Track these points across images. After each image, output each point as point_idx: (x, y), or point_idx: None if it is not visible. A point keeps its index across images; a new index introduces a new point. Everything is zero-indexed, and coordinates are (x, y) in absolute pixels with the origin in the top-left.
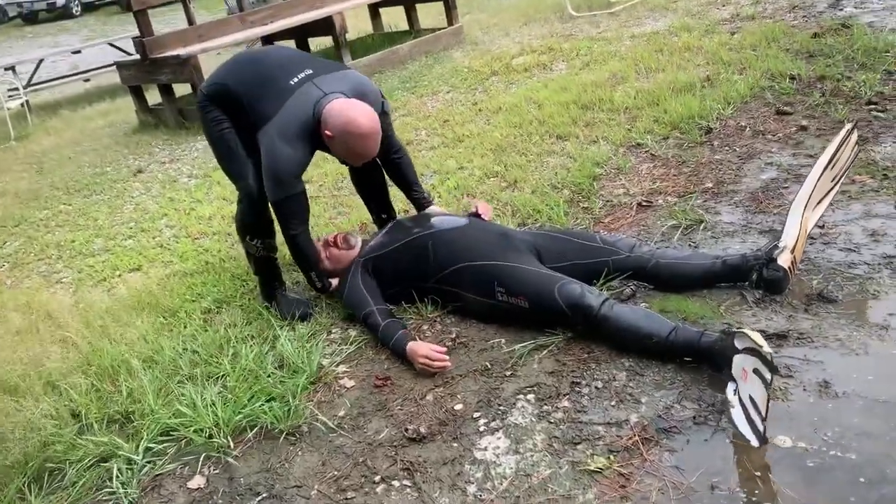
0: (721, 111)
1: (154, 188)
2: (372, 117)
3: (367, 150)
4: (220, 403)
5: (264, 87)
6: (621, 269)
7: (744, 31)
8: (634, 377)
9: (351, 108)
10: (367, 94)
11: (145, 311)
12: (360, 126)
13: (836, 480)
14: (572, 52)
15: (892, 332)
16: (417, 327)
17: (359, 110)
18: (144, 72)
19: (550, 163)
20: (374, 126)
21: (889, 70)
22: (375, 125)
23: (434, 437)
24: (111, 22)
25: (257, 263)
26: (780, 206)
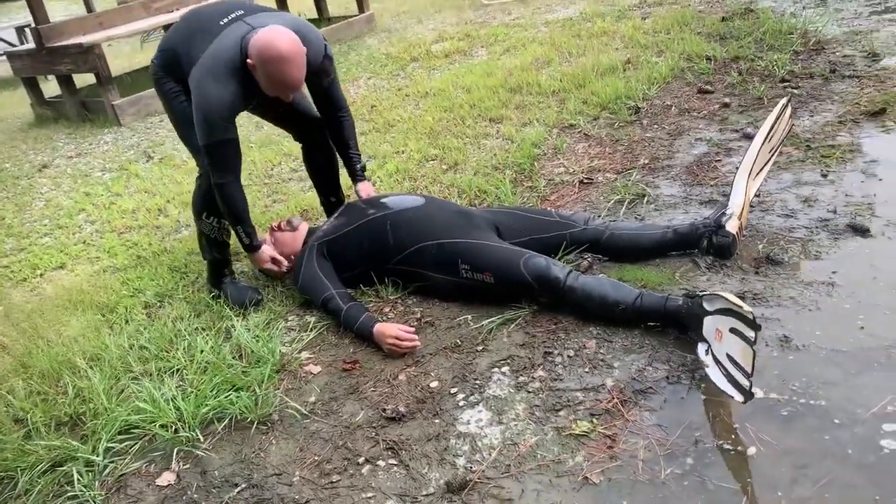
0: (646, 91)
1: (65, 183)
2: (292, 40)
3: (288, 75)
4: (182, 397)
5: (195, 36)
6: (578, 242)
7: (654, 16)
8: (604, 344)
9: (271, 32)
10: (304, 32)
11: (79, 310)
12: (279, 48)
13: (809, 426)
14: (490, 38)
15: (838, 289)
16: (379, 310)
17: (278, 33)
18: (41, 62)
19: (487, 145)
20: (294, 49)
21: (796, 50)
22: (296, 49)
23: (414, 415)
24: None
25: (210, 245)
26: (715, 178)
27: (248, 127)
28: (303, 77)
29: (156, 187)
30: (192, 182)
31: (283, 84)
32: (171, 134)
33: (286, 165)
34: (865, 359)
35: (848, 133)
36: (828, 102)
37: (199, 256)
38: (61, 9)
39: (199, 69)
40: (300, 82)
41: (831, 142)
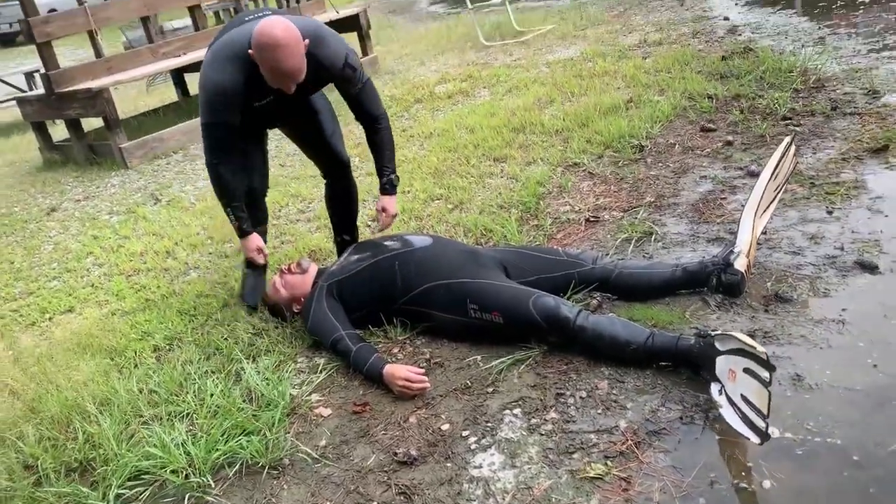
0: (649, 130)
1: (73, 227)
2: (287, 28)
3: (283, 62)
4: (192, 441)
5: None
6: (587, 281)
7: (655, 55)
8: (616, 384)
9: (268, 20)
10: (325, 37)
11: (88, 354)
12: (273, 34)
13: (826, 465)
14: (492, 78)
15: (848, 326)
16: (388, 351)
17: (275, 21)
18: (50, 107)
19: (492, 184)
20: (289, 35)
21: (797, 88)
22: (290, 35)
23: (426, 459)
24: None
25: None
26: (721, 216)
27: None
28: (299, 66)
29: (164, 230)
30: (199, 224)
31: (279, 71)
32: (179, 177)
33: (293, 206)
34: (880, 396)
35: (852, 170)
36: (830, 139)
37: (207, 299)
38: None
39: (210, 53)
40: (296, 70)
41: (835, 179)
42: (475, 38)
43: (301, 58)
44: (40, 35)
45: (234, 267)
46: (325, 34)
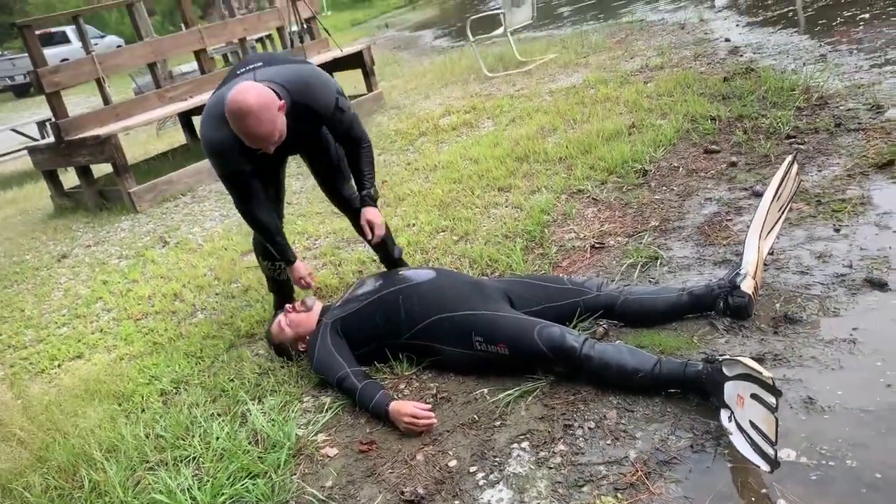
0: (652, 154)
1: (83, 272)
2: (253, 95)
3: (252, 130)
4: (198, 486)
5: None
6: (592, 309)
7: (656, 79)
8: (625, 413)
9: (238, 87)
10: (310, 85)
11: (95, 400)
12: (243, 103)
13: (842, 490)
14: (495, 109)
15: (860, 346)
16: (394, 386)
17: (243, 89)
18: (60, 155)
19: (497, 214)
20: (259, 103)
21: (800, 106)
22: (258, 103)
23: (433, 497)
24: (3, 109)
25: (269, 282)
26: (727, 238)
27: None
28: (269, 131)
29: (171, 272)
30: (206, 265)
31: (250, 138)
32: (186, 218)
33: (300, 244)
34: (894, 417)
35: (858, 186)
36: (835, 156)
37: (213, 340)
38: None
39: (205, 110)
40: (266, 136)
41: (841, 196)
42: (478, 70)
43: (271, 122)
44: (49, 85)
45: (241, 307)
46: (312, 81)
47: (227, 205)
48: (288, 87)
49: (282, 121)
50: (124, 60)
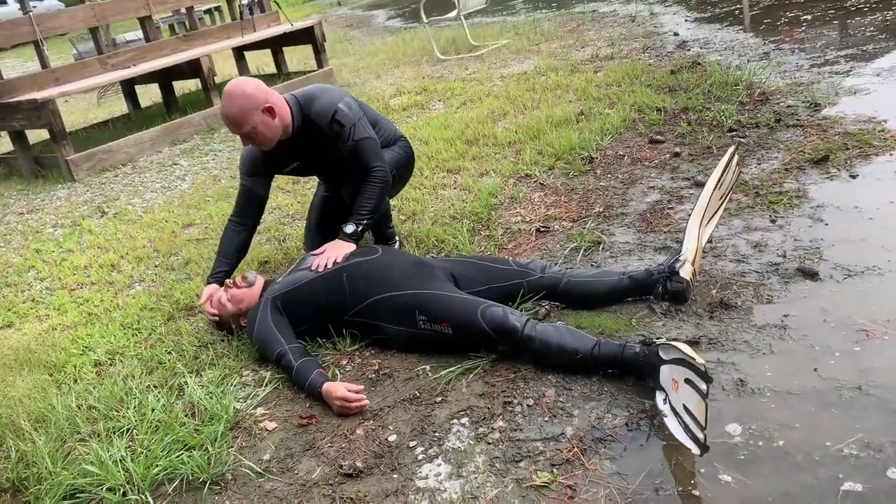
0: (599, 142)
1: (14, 240)
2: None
3: (223, 109)
4: (131, 458)
5: None
6: (535, 290)
7: (606, 69)
8: (563, 392)
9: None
10: (316, 96)
11: (25, 369)
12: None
13: (769, 469)
14: (447, 92)
15: (790, 332)
16: (336, 362)
17: (235, 79)
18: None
19: (445, 195)
20: (230, 87)
21: (742, 101)
22: (228, 89)
23: (372, 471)
24: None
25: None
26: (668, 225)
27: (206, 182)
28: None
29: (109, 243)
30: (145, 237)
31: (222, 118)
32: (126, 189)
33: None
34: (820, 400)
35: (794, 180)
36: (774, 150)
37: (151, 312)
38: (17, 64)
39: None
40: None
41: (779, 188)
42: (431, 52)
43: (241, 109)
44: None
45: (181, 280)
46: (317, 94)
47: (168, 176)
48: (299, 97)
49: (260, 120)
50: (64, 22)
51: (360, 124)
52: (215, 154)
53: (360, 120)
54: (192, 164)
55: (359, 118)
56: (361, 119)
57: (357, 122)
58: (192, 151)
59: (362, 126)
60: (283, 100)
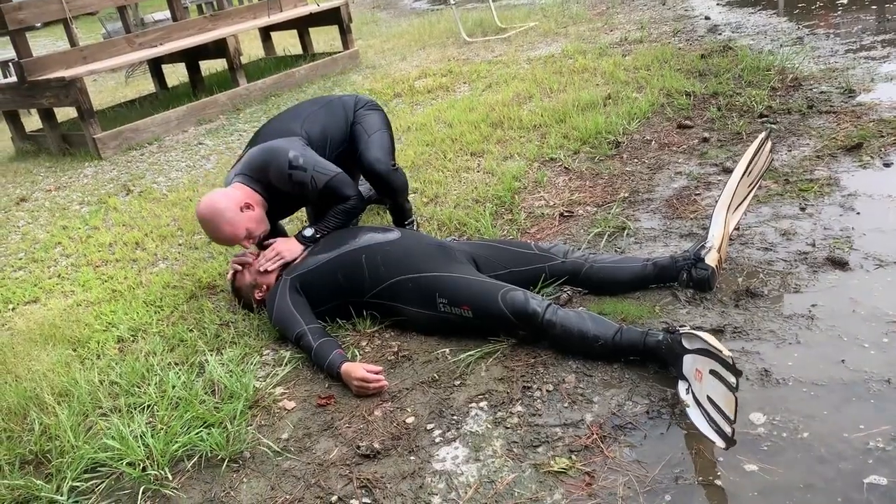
0: (626, 126)
1: (42, 217)
2: (203, 203)
3: (211, 236)
4: (151, 434)
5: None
6: (557, 275)
7: (634, 53)
8: (583, 378)
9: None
10: (265, 164)
11: (49, 344)
12: (198, 214)
13: (792, 460)
14: (472, 74)
15: (818, 322)
16: (355, 343)
17: (204, 200)
18: (23, 96)
19: (468, 178)
20: (201, 216)
21: (774, 87)
22: (202, 215)
23: (389, 452)
24: None
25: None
26: (695, 212)
27: (231, 162)
28: (232, 233)
29: (134, 221)
30: (170, 215)
31: (216, 242)
32: (152, 167)
33: None
34: (847, 392)
35: (826, 167)
36: (805, 137)
37: (174, 290)
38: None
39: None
40: (231, 237)
41: (809, 176)
42: (457, 34)
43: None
44: (12, 22)
45: (204, 259)
46: (265, 161)
47: (193, 156)
48: (250, 174)
49: (248, 217)
50: (92, 1)
51: (318, 171)
52: (240, 134)
53: (314, 167)
54: (216, 143)
55: (312, 166)
56: (315, 166)
57: (314, 172)
58: (217, 131)
59: (320, 172)
60: (242, 187)
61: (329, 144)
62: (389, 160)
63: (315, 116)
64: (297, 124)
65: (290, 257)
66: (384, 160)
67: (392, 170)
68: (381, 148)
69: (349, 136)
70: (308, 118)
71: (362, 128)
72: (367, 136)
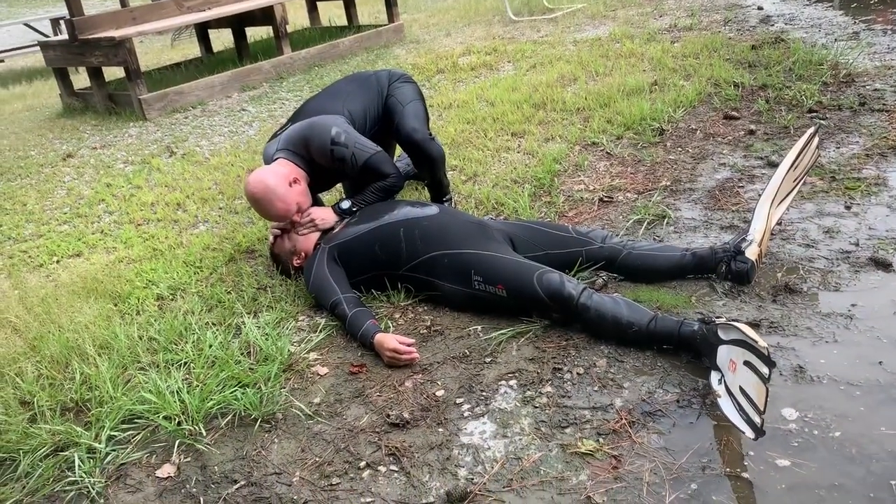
0: (671, 114)
1: (87, 173)
2: (253, 182)
3: (263, 214)
4: (187, 390)
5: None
6: (594, 260)
7: (684, 40)
8: (615, 363)
9: (251, 176)
10: (308, 139)
11: (92, 298)
12: (248, 192)
13: (821, 458)
14: (517, 53)
15: (857, 322)
16: (389, 315)
17: (253, 178)
18: (73, 53)
19: (508, 158)
20: (253, 194)
21: (826, 81)
22: (254, 192)
23: (418, 423)
24: (17, 3)
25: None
26: (737, 204)
27: (273, 129)
28: (284, 209)
29: (176, 182)
30: (211, 179)
31: (268, 219)
32: (195, 131)
33: None
34: (882, 394)
35: (874, 166)
36: (855, 135)
37: (213, 252)
38: (98, 3)
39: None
40: (283, 213)
41: (857, 174)
42: (503, 13)
43: (282, 201)
44: None
45: (244, 223)
46: (307, 136)
47: (236, 121)
48: (293, 148)
49: (297, 192)
50: None
51: (358, 148)
52: (283, 102)
53: (356, 145)
54: (259, 110)
55: (353, 143)
56: (356, 144)
57: (355, 149)
58: (260, 98)
59: (360, 149)
60: (287, 163)
61: (368, 121)
62: (426, 129)
63: (354, 95)
64: (338, 103)
65: (322, 226)
66: (420, 129)
67: (429, 138)
68: (416, 117)
69: (384, 109)
70: (348, 97)
71: (396, 99)
72: (401, 107)
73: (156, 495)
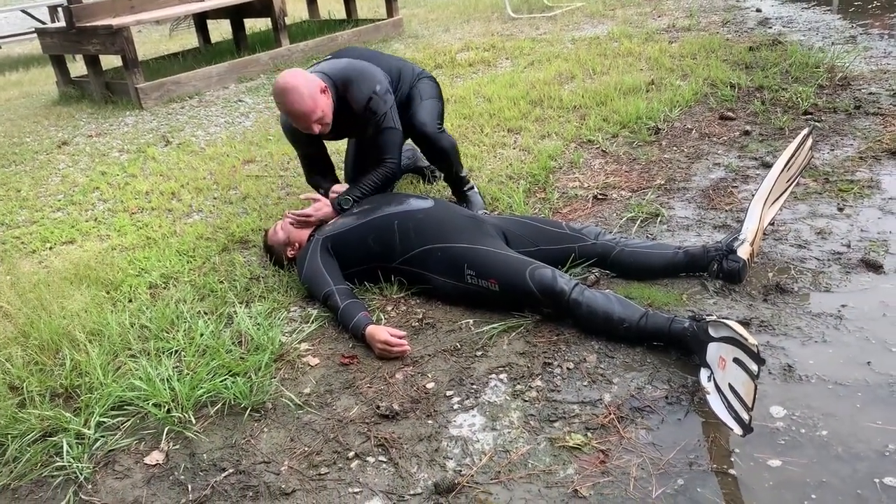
0: (667, 113)
1: (82, 161)
2: (293, 75)
3: (292, 105)
4: (177, 378)
5: None
6: (587, 256)
7: (682, 40)
8: (605, 359)
9: (285, 71)
10: (350, 80)
11: (84, 285)
12: (282, 82)
13: (808, 456)
14: (515, 50)
15: (846, 322)
16: (381, 307)
17: (288, 72)
18: (70, 41)
19: (504, 154)
20: (291, 82)
21: (822, 84)
22: (295, 82)
23: (407, 415)
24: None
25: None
26: (730, 204)
27: (269, 121)
28: (310, 108)
29: (171, 171)
30: (206, 169)
31: (292, 114)
32: (191, 121)
33: None
34: (870, 394)
35: (868, 169)
36: (849, 137)
37: (207, 242)
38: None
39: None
40: (309, 111)
41: (850, 176)
42: (502, 10)
43: (312, 98)
44: None
45: (238, 213)
46: (354, 76)
47: (232, 112)
48: (333, 78)
49: (325, 102)
50: None
51: (391, 114)
52: None
53: (391, 109)
54: (256, 102)
55: (390, 107)
56: (391, 108)
57: (388, 112)
58: (257, 90)
59: (391, 116)
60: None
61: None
62: (436, 123)
63: (394, 68)
64: (383, 66)
65: (315, 219)
66: (430, 122)
67: (439, 131)
68: (429, 112)
69: (407, 97)
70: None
71: (418, 91)
72: (419, 100)
73: (144, 482)
